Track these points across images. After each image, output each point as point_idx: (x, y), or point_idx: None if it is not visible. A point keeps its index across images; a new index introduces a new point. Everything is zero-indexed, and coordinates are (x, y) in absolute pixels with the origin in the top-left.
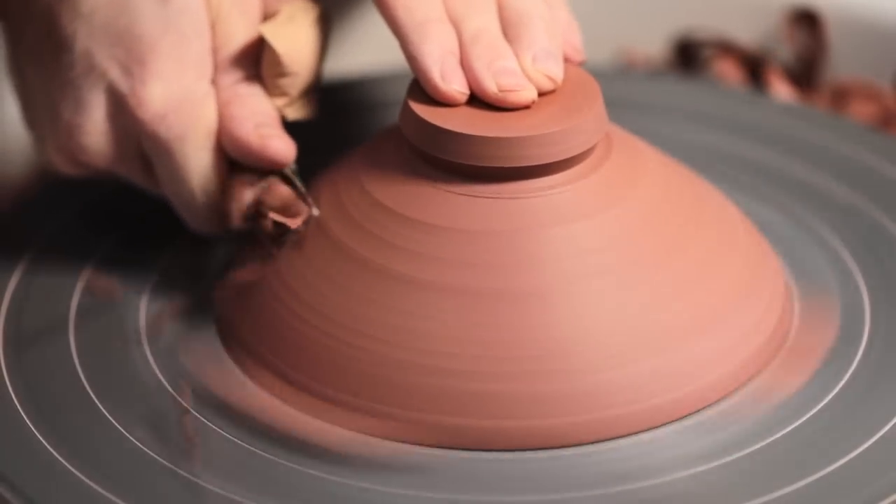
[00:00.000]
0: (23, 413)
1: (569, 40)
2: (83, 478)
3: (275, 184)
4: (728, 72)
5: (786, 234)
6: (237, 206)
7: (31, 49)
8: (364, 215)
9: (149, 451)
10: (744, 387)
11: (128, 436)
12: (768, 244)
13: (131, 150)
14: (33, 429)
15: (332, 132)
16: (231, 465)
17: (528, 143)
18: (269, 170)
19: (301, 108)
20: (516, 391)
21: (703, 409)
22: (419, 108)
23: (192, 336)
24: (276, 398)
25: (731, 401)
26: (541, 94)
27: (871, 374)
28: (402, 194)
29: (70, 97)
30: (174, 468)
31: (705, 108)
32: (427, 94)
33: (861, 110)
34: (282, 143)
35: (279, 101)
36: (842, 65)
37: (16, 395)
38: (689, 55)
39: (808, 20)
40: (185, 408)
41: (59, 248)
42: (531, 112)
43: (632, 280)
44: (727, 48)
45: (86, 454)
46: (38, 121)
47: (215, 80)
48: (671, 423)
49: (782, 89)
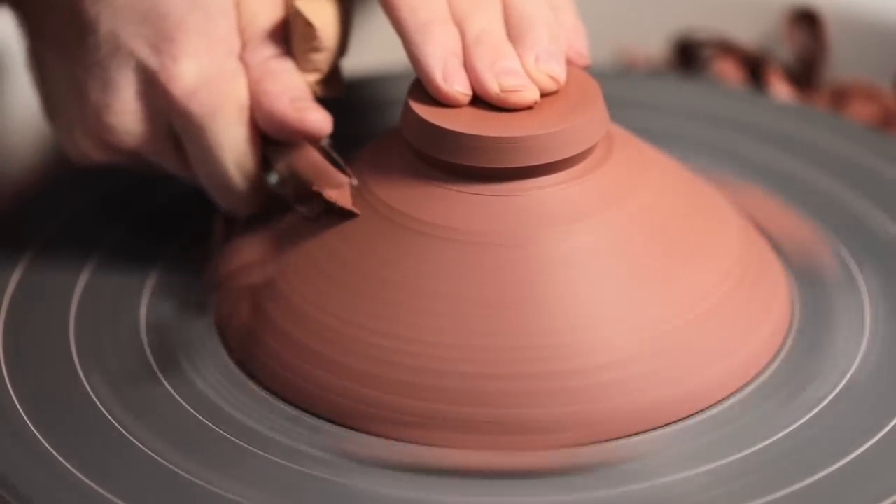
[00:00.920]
0: (23, 413)
1: (573, 45)
2: (83, 478)
3: (307, 154)
4: (728, 72)
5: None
6: (270, 179)
7: (52, 38)
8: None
9: (149, 451)
10: (744, 387)
11: (128, 436)
12: (768, 244)
13: (161, 129)
14: (33, 429)
15: (336, 132)
16: (231, 465)
17: (528, 142)
18: (305, 143)
19: (331, 85)
20: (516, 392)
21: (703, 410)
22: (420, 109)
23: (193, 335)
24: (276, 398)
25: (732, 401)
26: (543, 94)
27: (871, 374)
28: (404, 194)
29: (97, 78)
30: (174, 468)
31: (705, 108)
32: (429, 94)
33: (861, 110)
34: (319, 115)
35: (310, 77)
36: (842, 65)
37: (16, 395)
38: (689, 55)
39: (808, 20)
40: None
41: (60, 247)
42: (532, 112)
43: (632, 279)
44: (727, 48)
45: (86, 454)
46: (62, 109)
47: (245, 59)
48: (671, 423)
49: (782, 89)
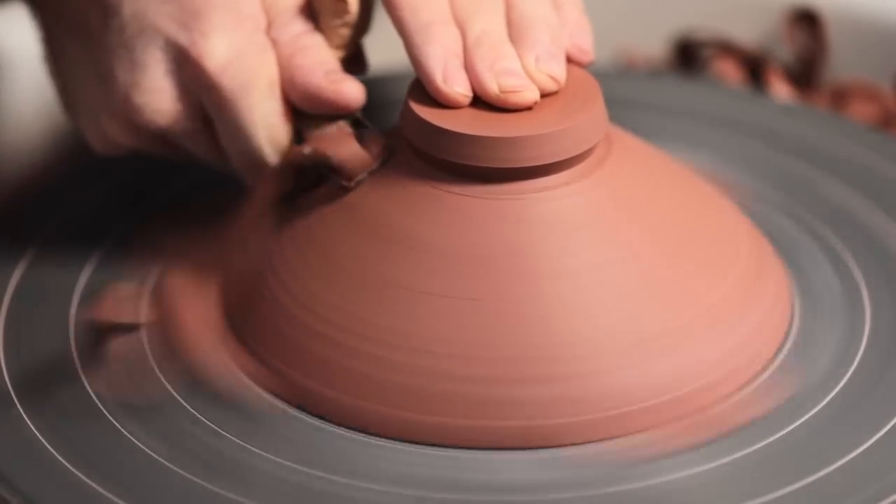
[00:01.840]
0: (23, 413)
1: (576, 42)
2: (83, 478)
3: (339, 130)
4: (728, 72)
5: (786, 233)
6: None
7: (72, 24)
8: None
9: (149, 452)
10: (744, 387)
11: (128, 436)
12: (769, 244)
13: (191, 106)
14: (33, 429)
15: None
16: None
17: (527, 143)
18: (339, 115)
19: (355, 63)
20: (515, 392)
21: (702, 410)
22: (419, 109)
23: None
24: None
25: (732, 401)
26: (543, 94)
27: (871, 375)
28: (404, 195)
29: (124, 59)
30: (174, 468)
31: (705, 108)
32: (429, 94)
33: (861, 110)
34: (354, 86)
35: (338, 54)
36: (842, 65)
37: (16, 395)
38: (689, 55)
39: (808, 20)
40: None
41: (61, 246)
42: (531, 113)
43: (632, 280)
44: (727, 48)
45: (86, 454)
46: (84, 97)
47: (273, 36)
48: (671, 423)
49: (782, 89)
